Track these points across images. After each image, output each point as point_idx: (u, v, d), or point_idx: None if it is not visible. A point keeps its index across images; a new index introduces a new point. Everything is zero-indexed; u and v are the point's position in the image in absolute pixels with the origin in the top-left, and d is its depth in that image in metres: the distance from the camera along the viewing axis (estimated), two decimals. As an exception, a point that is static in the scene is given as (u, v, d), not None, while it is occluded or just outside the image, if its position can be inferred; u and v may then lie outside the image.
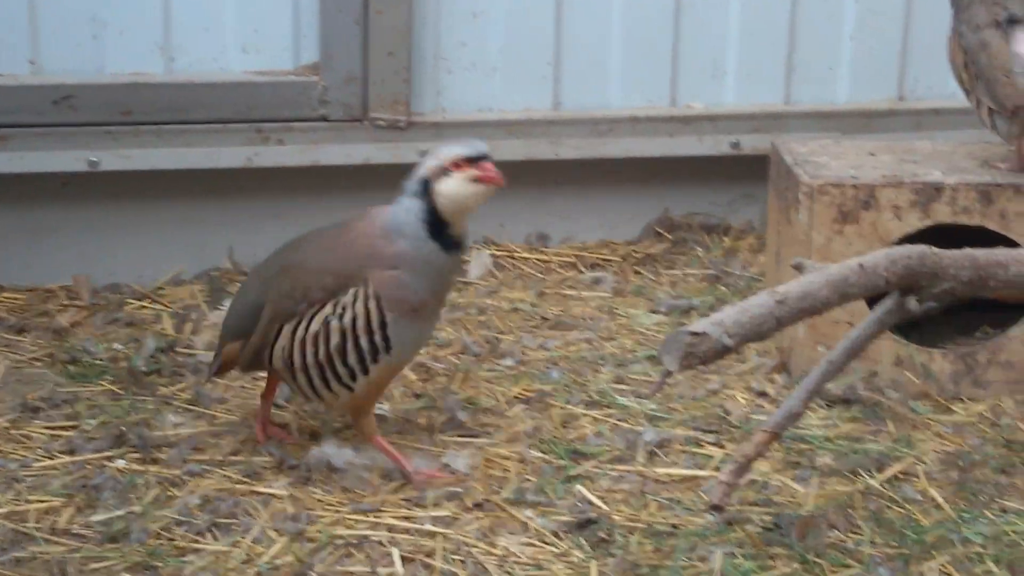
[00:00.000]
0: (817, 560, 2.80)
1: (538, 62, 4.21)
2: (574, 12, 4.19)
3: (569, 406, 3.40)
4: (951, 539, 2.89)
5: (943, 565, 2.81)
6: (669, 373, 2.62)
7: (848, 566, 2.79)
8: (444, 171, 2.92)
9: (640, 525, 2.92)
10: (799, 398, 2.83)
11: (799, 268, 2.84)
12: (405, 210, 2.93)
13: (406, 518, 2.93)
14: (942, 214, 3.45)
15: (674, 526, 2.92)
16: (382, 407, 3.34)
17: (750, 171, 4.20)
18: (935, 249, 2.85)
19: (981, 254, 2.91)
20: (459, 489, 3.02)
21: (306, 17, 4.06)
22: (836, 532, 2.91)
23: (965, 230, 3.42)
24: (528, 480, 3.07)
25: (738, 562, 2.78)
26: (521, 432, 3.26)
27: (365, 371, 2.96)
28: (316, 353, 2.95)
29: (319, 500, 2.99)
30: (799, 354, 3.50)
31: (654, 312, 3.92)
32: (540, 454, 3.17)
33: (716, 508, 2.79)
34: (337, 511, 2.95)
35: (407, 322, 2.93)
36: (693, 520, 2.94)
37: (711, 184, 4.37)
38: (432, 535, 2.88)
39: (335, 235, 3.02)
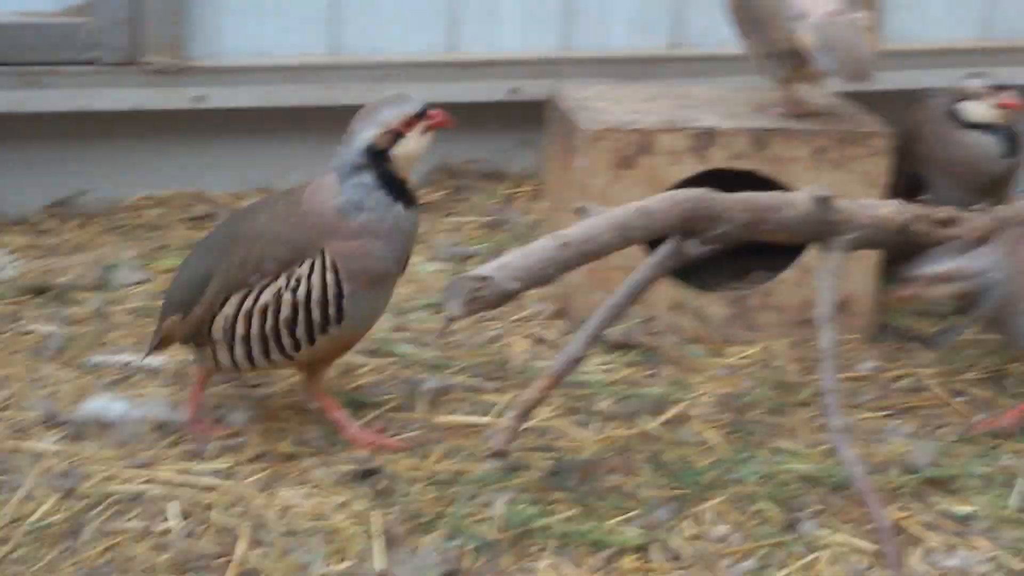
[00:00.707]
0: (598, 504, 2.82)
1: (315, 5, 4.13)
2: (353, -46, 4.13)
3: (348, 355, 3.35)
4: (726, 480, 2.94)
5: (719, 505, 2.85)
6: (453, 318, 2.61)
7: (628, 509, 2.81)
8: (397, 135, 2.84)
9: (422, 474, 2.90)
10: (580, 343, 2.85)
11: (581, 212, 2.85)
12: (357, 186, 2.83)
13: (183, 472, 2.87)
14: (717, 159, 3.49)
15: (456, 473, 2.91)
16: (156, 360, 3.26)
17: (529, 117, 4.19)
18: (713, 193, 2.89)
19: (756, 197, 2.96)
20: (239, 440, 2.97)
21: (73, -44, 3.92)
22: (616, 476, 2.93)
23: (740, 175, 3.47)
24: (308, 431, 3.03)
25: (520, 508, 2.78)
26: (299, 383, 3.21)
27: (312, 341, 2.86)
28: (263, 325, 2.84)
29: (90, 456, 2.90)
30: (578, 300, 3.52)
31: (433, 260, 3.89)
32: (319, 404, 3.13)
33: (499, 454, 2.80)
34: (111, 466, 2.87)
35: (364, 293, 2.83)
36: (475, 467, 2.93)
37: (490, 130, 4.36)
38: (211, 489, 2.81)
39: (288, 205, 2.90)
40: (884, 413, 3.24)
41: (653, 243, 2.94)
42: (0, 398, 3.08)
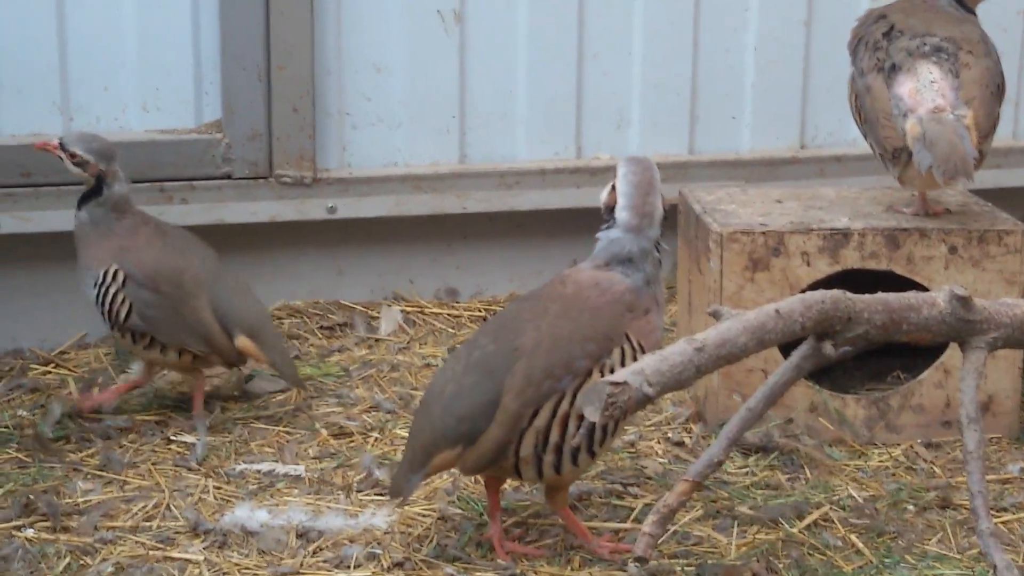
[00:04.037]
0: (743, 609, 2.79)
1: (443, 115, 4.19)
2: (478, 64, 4.18)
3: (486, 461, 3.36)
4: (874, 584, 2.90)
5: (867, 610, 2.81)
6: (592, 424, 2.60)
7: (774, 614, 2.78)
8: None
9: (563, 580, 2.89)
10: (720, 446, 2.82)
11: (716, 315, 2.84)
12: (651, 261, 2.91)
13: (326, 580, 2.89)
14: (851, 259, 3.48)
15: (598, 580, 2.90)
16: (297, 467, 3.29)
17: (657, 221, 4.20)
18: (849, 294, 2.86)
19: (893, 298, 2.93)
20: (378, 550, 2.98)
21: (208, 74, 4.01)
22: (759, 581, 2.90)
23: (873, 275, 3.45)
24: (448, 537, 3.03)
25: (664, 614, 2.76)
26: (439, 489, 3.22)
27: (614, 432, 2.88)
28: (579, 426, 2.82)
29: (236, 564, 2.93)
30: (714, 403, 3.50)
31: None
32: (459, 511, 3.14)
33: (640, 560, 2.77)
34: (255, 575, 2.89)
35: None
36: (616, 573, 2.92)
37: (618, 235, 4.37)
38: (353, 597, 2.83)
39: (563, 305, 2.90)
40: (1033, 515, 3.19)
41: (786, 346, 2.92)
42: (146, 507, 3.12)
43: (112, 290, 3.42)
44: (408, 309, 4.20)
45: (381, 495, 3.19)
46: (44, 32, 3.88)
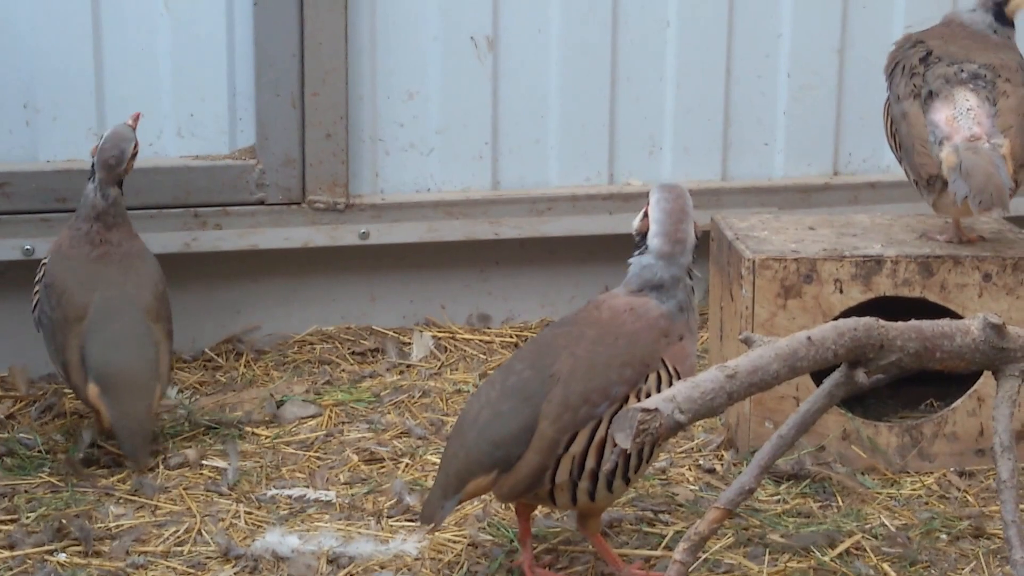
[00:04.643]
0: (774, 638, 2.78)
1: (475, 141, 4.21)
2: (510, 90, 4.20)
3: (517, 487, 3.36)
4: (906, 613, 2.88)
5: (900, 640, 2.79)
6: (624, 451, 2.60)
7: (805, 644, 2.77)
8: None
9: (595, 607, 2.88)
10: (752, 474, 2.81)
11: (747, 342, 2.83)
12: (683, 287, 2.91)
13: (356, 606, 2.89)
14: (884, 287, 3.46)
15: (628, 607, 2.89)
16: (328, 493, 3.30)
17: (689, 247, 4.20)
18: (881, 321, 2.85)
19: (927, 325, 2.92)
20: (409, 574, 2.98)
21: (242, 101, 4.04)
22: (791, 609, 2.89)
23: (906, 302, 3.44)
24: (479, 564, 3.03)
25: (695, 642, 2.75)
26: (470, 515, 3.22)
27: (649, 458, 2.88)
28: (613, 450, 2.81)
29: (266, 590, 2.94)
30: (746, 430, 3.49)
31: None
32: (490, 537, 3.13)
33: (672, 588, 2.76)
34: (285, 601, 2.90)
35: None
36: (647, 601, 2.91)
37: (651, 261, 4.37)
38: (383, 623, 2.83)
39: (599, 331, 2.89)
40: (1066, 545, 3.15)
41: (819, 374, 2.91)
42: (178, 532, 3.13)
43: (34, 280, 3.54)
44: (440, 335, 4.21)
45: (412, 521, 3.19)
46: (80, 59, 3.91)
